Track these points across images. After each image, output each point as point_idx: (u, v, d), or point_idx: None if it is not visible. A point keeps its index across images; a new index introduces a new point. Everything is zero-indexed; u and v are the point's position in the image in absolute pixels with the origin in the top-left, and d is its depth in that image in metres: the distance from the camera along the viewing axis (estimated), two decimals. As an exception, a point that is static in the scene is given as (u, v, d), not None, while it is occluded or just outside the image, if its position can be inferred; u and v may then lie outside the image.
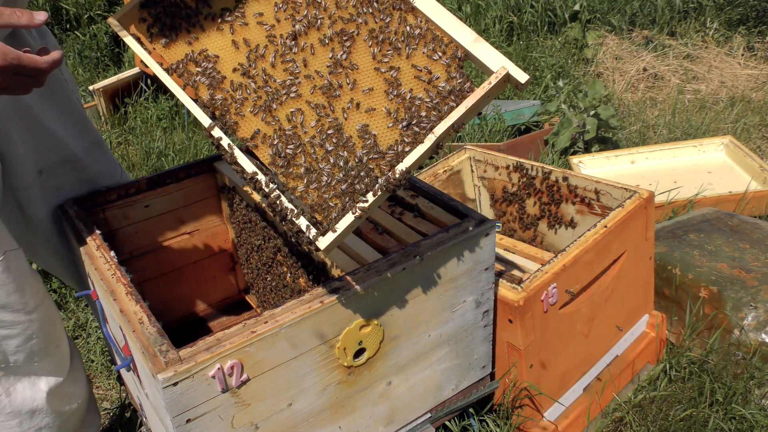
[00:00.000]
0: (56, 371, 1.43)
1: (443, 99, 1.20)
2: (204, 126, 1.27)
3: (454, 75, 1.20)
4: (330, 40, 1.26)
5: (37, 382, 1.39)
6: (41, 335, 1.36)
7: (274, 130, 1.23)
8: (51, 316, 1.40)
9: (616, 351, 1.94)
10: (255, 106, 1.25)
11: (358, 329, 1.28)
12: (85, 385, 1.55)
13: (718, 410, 1.85)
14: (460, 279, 1.42)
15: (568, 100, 3.59)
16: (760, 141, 3.68)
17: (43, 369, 1.40)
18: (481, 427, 1.74)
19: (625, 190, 1.91)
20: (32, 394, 1.38)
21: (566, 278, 1.64)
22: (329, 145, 1.20)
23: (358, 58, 1.25)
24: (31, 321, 1.33)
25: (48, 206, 1.59)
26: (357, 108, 1.23)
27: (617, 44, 4.75)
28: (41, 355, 1.38)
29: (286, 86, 1.25)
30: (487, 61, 1.19)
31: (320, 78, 1.25)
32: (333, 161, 1.19)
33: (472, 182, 2.35)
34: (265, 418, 1.23)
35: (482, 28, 5.12)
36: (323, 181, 1.18)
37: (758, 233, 2.27)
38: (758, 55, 4.59)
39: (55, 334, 1.42)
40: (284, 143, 1.22)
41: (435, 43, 1.22)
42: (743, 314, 1.98)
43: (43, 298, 1.37)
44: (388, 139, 1.20)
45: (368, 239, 1.47)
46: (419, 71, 1.22)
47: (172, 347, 1.10)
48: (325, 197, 1.17)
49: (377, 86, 1.24)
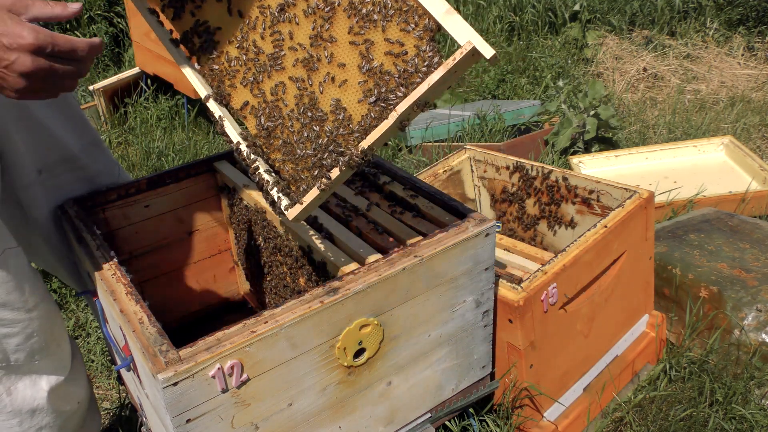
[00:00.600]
0: (57, 370, 1.43)
1: (410, 75, 1.15)
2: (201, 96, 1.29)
3: (425, 48, 1.14)
4: (313, 11, 1.22)
5: (38, 381, 1.39)
6: (41, 334, 1.36)
7: (259, 102, 1.25)
8: (51, 315, 1.40)
9: (616, 351, 1.94)
10: (245, 78, 1.27)
11: (358, 329, 1.28)
12: (86, 385, 1.55)
13: (718, 410, 1.85)
14: (460, 279, 1.42)
15: (568, 100, 3.59)
16: (760, 141, 3.68)
17: (44, 368, 1.40)
18: (481, 427, 1.74)
19: (625, 190, 1.91)
20: (33, 393, 1.38)
21: (566, 278, 1.64)
22: (304, 119, 1.21)
23: (338, 30, 1.21)
24: (31, 319, 1.33)
25: (48, 206, 1.59)
26: (332, 82, 1.21)
27: (617, 44, 4.75)
28: (42, 354, 1.38)
29: (272, 59, 1.25)
30: (456, 35, 1.11)
31: (302, 50, 1.23)
32: (306, 135, 1.20)
33: (472, 182, 2.35)
34: (265, 418, 1.23)
35: (483, 27, 5.12)
36: (297, 154, 1.20)
37: (758, 233, 2.27)
38: (758, 55, 4.59)
39: (56, 332, 1.42)
40: (266, 116, 1.24)
41: (409, 14, 1.15)
42: (743, 314, 1.98)
43: (43, 296, 1.37)
44: (357, 114, 1.19)
45: (368, 239, 1.47)
46: (391, 44, 1.16)
47: (172, 347, 1.10)
48: (298, 170, 1.19)
49: (352, 60, 1.20)
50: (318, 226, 1.53)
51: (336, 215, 1.56)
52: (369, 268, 1.28)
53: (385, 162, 1.71)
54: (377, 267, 1.29)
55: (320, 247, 1.46)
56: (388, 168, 1.68)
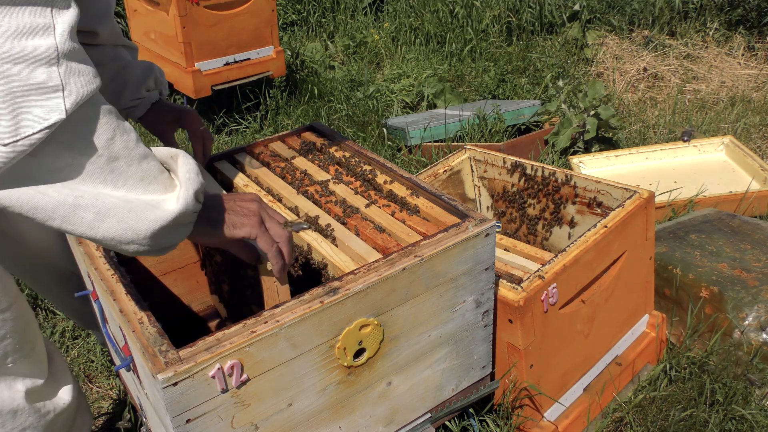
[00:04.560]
0: (34, 373, 1.41)
1: None
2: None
3: None
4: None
5: (14, 384, 1.36)
6: (15, 335, 1.33)
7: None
8: (25, 317, 1.37)
9: (616, 351, 1.94)
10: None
11: (358, 329, 1.28)
12: (71, 387, 1.52)
13: (718, 410, 1.85)
14: (460, 279, 1.42)
15: (568, 100, 3.59)
16: (760, 141, 3.68)
17: (20, 371, 1.37)
18: (481, 427, 1.74)
19: (625, 190, 1.90)
20: (11, 394, 1.35)
21: (566, 278, 1.64)
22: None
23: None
24: (4, 320, 1.30)
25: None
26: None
27: (617, 44, 4.75)
28: (16, 356, 1.35)
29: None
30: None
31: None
32: None
33: (472, 182, 2.35)
34: (265, 418, 1.23)
35: (481, 28, 5.12)
36: None
37: (759, 234, 2.27)
38: (758, 55, 4.59)
39: (30, 334, 1.39)
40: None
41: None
42: (744, 314, 1.98)
43: (15, 297, 1.34)
44: None
45: (368, 239, 1.47)
46: None
47: (172, 347, 1.10)
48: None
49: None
50: (318, 226, 1.53)
51: (336, 215, 1.56)
52: (369, 268, 1.28)
53: (385, 162, 1.71)
54: (377, 267, 1.29)
55: (320, 247, 1.46)
56: (389, 168, 1.68)
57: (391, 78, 4.54)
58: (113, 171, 0.96)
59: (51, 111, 0.88)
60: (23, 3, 0.86)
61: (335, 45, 5.23)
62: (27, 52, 0.86)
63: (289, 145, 1.89)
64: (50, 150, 0.90)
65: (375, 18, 5.65)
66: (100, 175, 0.94)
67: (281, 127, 3.83)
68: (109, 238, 0.96)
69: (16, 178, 0.89)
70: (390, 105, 4.21)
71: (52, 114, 0.88)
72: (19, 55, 0.85)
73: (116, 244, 0.98)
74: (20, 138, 0.86)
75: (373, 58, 5.02)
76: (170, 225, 1.01)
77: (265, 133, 3.83)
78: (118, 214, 0.96)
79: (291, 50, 4.77)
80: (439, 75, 4.54)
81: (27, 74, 0.86)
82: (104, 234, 0.96)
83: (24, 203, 0.90)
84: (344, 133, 3.74)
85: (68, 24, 0.90)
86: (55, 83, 0.88)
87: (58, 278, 1.79)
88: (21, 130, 0.86)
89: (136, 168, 0.99)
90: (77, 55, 0.92)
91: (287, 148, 1.88)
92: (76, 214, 0.93)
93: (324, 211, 1.57)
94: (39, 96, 0.87)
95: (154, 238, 1.00)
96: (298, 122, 3.89)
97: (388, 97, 4.26)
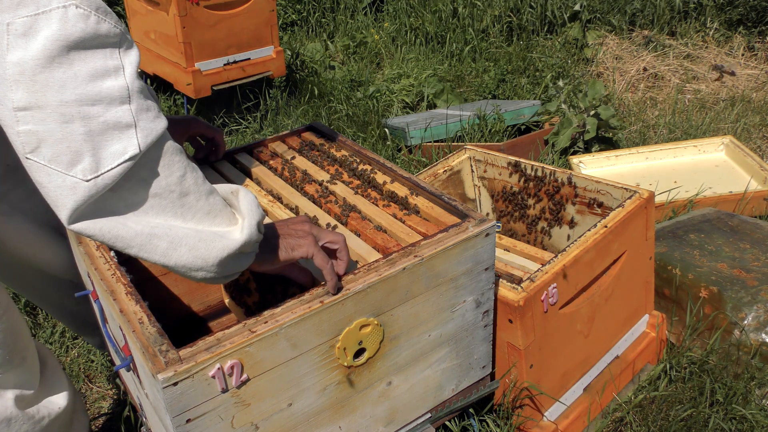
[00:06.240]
0: (24, 384, 1.41)
1: None
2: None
3: None
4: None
5: (4, 393, 1.37)
6: (5, 346, 1.34)
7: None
8: (16, 327, 1.37)
9: (616, 351, 1.94)
10: None
11: (358, 329, 1.28)
12: (66, 391, 1.52)
13: (718, 410, 1.85)
14: (460, 279, 1.42)
15: (568, 100, 3.59)
16: (760, 141, 3.68)
17: (9, 381, 1.38)
18: (481, 427, 1.74)
19: (625, 190, 1.90)
20: (2, 403, 1.36)
21: (566, 278, 1.64)
22: None
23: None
24: None
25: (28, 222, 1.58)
26: None
27: (617, 44, 4.75)
28: (6, 367, 1.36)
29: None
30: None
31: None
32: None
33: (472, 182, 2.35)
34: (265, 418, 1.23)
35: (481, 27, 5.12)
36: None
37: (758, 233, 2.27)
38: (758, 55, 4.59)
39: (21, 345, 1.39)
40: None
41: None
42: (743, 314, 1.98)
43: (6, 308, 1.35)
44: None
45: (368, 239, 1.47)
46: None
47: (172, 347, 1.10)
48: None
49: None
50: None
51: (335, 215, 1.56)
52: (369, 268, 1.28)
53: (385, 162, 1.71)
54: (377, 267, 1.29)
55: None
56: (388, 168, 1.68)
57: (391, 78, 4.54)
58: (183, 205, 1.03)
59: (126, 147, 0.95)
60: (94, 46, 0.92)
61: (335, 45, 5.23)
62: (103, 94, 0.92)
63: (289, 145, 1.89)
64: (129, 186, 0.97)
65: (375, 18, 5.65)
66: (172, 209, 1.02)
67: (281, 127, 3.83)
68: (180, 264, 1.03)
69: (99, 210, 0.96)
70: (390, 105, 4.21)
71: (128, 149, 0.95)
72: (96, 96, 0.92)
73: (186, 270, 1.05)
74: (101, 173, 0.93)
75: (373, 58, 5.02)
76: (236, 253, 1.08)
77: (265, 133, 3.83)
78: (189, 243, 1.03)
79: (291, 50, 4.77)
80: (439, 75, 4.54)
81: (104, 114, 0.93)
82: (176, 261, 1.03)
83: (106, 232, 0.97)
84: (344, 133, 3.74)
85: (134, 64, 0.97)
86: (129, 121, 0.95)
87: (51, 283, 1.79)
88: (101, 166, 0.93)
89: (204, 202, 1.06)
90: (144, 92, 0.98)
91: (287, 148, 1.88)
92: (152, 242, 1.00)
93: (324, 211, 1.57)
94: (115, 133, 0.94)
95: (221, 266, 1.07)
96: (298, 122, 3.89)
97: (388, 97, 4.26)
